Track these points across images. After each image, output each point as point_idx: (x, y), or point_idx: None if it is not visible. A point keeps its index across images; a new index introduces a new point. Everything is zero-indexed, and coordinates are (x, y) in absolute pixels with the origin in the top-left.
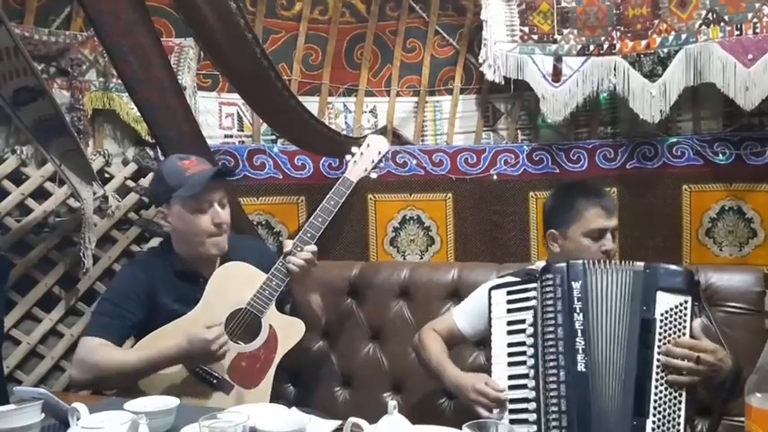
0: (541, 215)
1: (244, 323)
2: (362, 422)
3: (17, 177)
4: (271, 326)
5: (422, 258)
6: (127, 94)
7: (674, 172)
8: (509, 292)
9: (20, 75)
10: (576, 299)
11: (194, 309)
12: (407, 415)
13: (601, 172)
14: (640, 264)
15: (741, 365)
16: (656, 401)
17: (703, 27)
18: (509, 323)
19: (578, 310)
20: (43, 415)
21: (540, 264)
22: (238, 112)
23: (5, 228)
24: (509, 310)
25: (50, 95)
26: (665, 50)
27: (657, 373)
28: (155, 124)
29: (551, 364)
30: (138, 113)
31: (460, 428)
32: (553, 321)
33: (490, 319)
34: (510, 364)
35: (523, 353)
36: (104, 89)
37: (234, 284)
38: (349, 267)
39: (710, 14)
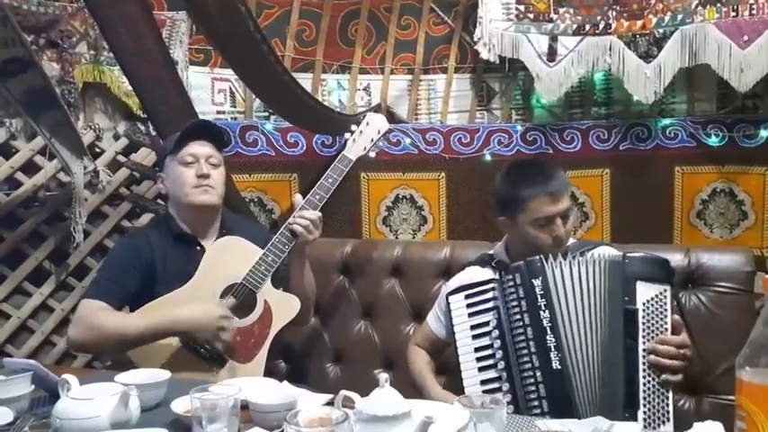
0: None
1: (239, 298)
2: (354, 395)
3: (6, 150)
4: (266, 301)
5: (414, 238)
6: (118, 67)
7: (667, 153)
8: (467, 296)
9: (8, 46)
10: (539, 296)
11: (190, 281)
12: (398, 391)
13: (594, 153)
14: (618, 253)
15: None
16: (644, 392)
17: (699, 8)
18: (472, 327)
19: (543, 307)
20: (33, 386)
21: (498, 248)
22: (231, 88)
23: None
24: (470, 314)
25: (40, 67)
26: (661, 31)
27: (644, 364)
28: (146, 99)
29: (526, 365)
30: (130, 87)
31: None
32: (521, 322)
33: (452, 326)
34: (480, 369)
35: (492, 356)
36: (95, 62)
37: (230, 259)
38: (342, 245)
39: None
